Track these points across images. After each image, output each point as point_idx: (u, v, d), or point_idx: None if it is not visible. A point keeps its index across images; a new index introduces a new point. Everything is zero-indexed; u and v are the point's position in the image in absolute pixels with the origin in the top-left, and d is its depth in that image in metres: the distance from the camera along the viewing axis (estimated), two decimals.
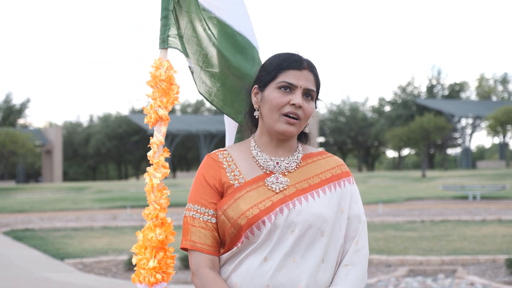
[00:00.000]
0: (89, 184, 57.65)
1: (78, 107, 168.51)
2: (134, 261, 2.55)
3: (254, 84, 2.45)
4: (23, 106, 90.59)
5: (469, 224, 18.14)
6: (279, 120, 2.32)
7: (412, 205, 26.87)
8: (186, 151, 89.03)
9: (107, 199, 34.13)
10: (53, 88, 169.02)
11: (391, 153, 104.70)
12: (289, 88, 2.33)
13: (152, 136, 2.69)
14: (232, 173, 2.37)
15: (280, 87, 2.33)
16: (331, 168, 2.43)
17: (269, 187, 2.33)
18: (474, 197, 29.18)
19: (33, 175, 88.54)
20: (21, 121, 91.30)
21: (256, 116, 2.43)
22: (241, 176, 2.36)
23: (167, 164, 2.65)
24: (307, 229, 2.28)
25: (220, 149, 2.47)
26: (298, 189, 2.33)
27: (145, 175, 2.62)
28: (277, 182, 2.34)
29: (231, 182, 2.35)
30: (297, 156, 2.42)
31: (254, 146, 2.42)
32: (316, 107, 2.43)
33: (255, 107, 2.43)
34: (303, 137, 2.53)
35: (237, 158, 2.41)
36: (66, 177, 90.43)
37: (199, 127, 75.94)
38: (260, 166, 2.38)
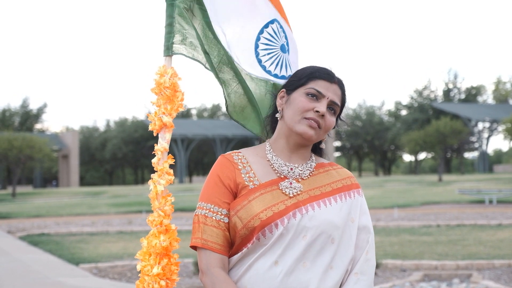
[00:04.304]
0: (105, 189, 57.93)
1: (95, 112, 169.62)
2: (138, 267, 2.56)
3: (283, 88, 2.50)
4: (40, 111, 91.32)
5: (485, 228, 18.02)
6: (300, 122, 2.35)
7: (428, 209, 26.72)
8: (202, 156, 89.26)
9: (123, 204, 34.25)
10: (70, 93, 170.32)
11: (407, 157, 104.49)
12: (316, 96, 2.37)
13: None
14: (247, 175, 2.39)
15: (308, 93, 2.38)
16: (342, 179, 2.47)
17: (283, 191, 2.35)
18: (491, 201, 29.00)
19: (50, 179, 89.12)
20: (38, 126, 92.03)
21: (278, 118, 2.47)
22: (256, 178, 2.38)
23: (171, 171, 2.66)
24: (318, 235, 2.30)
25: (235, 151, 2.49)
26: (311, 196, 2.36)
27: (150, 181, 2.64)
28: (291, 187, 2.36)
29: (246, 183, 2.37)
30: (311, 165, 2.46)
31: (270, 150, 2.46)
32: (337, 125, 2.49)
33: (278, 109, 2.47)
34: (317, 152, 2.57)
35: (252, 161, 2.44)
36: (83, 181, 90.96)
37: (216, 131, 76.09)
38: (275, 170, 2.41)
